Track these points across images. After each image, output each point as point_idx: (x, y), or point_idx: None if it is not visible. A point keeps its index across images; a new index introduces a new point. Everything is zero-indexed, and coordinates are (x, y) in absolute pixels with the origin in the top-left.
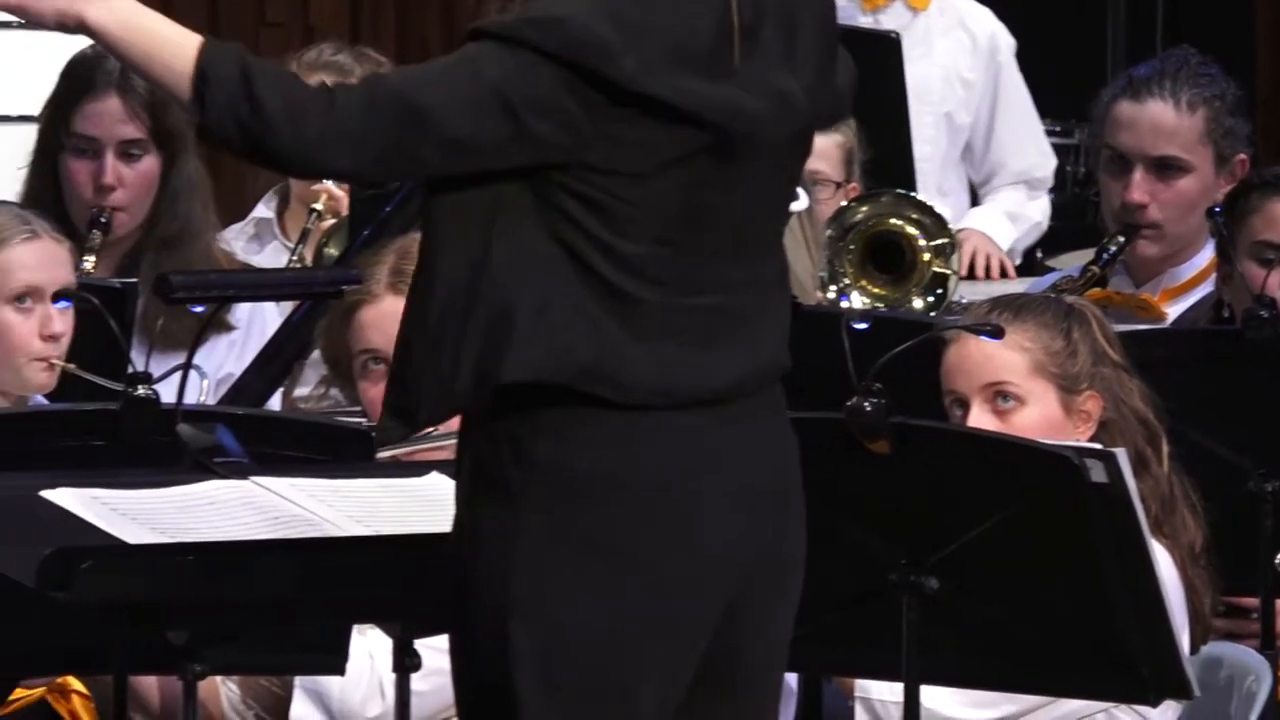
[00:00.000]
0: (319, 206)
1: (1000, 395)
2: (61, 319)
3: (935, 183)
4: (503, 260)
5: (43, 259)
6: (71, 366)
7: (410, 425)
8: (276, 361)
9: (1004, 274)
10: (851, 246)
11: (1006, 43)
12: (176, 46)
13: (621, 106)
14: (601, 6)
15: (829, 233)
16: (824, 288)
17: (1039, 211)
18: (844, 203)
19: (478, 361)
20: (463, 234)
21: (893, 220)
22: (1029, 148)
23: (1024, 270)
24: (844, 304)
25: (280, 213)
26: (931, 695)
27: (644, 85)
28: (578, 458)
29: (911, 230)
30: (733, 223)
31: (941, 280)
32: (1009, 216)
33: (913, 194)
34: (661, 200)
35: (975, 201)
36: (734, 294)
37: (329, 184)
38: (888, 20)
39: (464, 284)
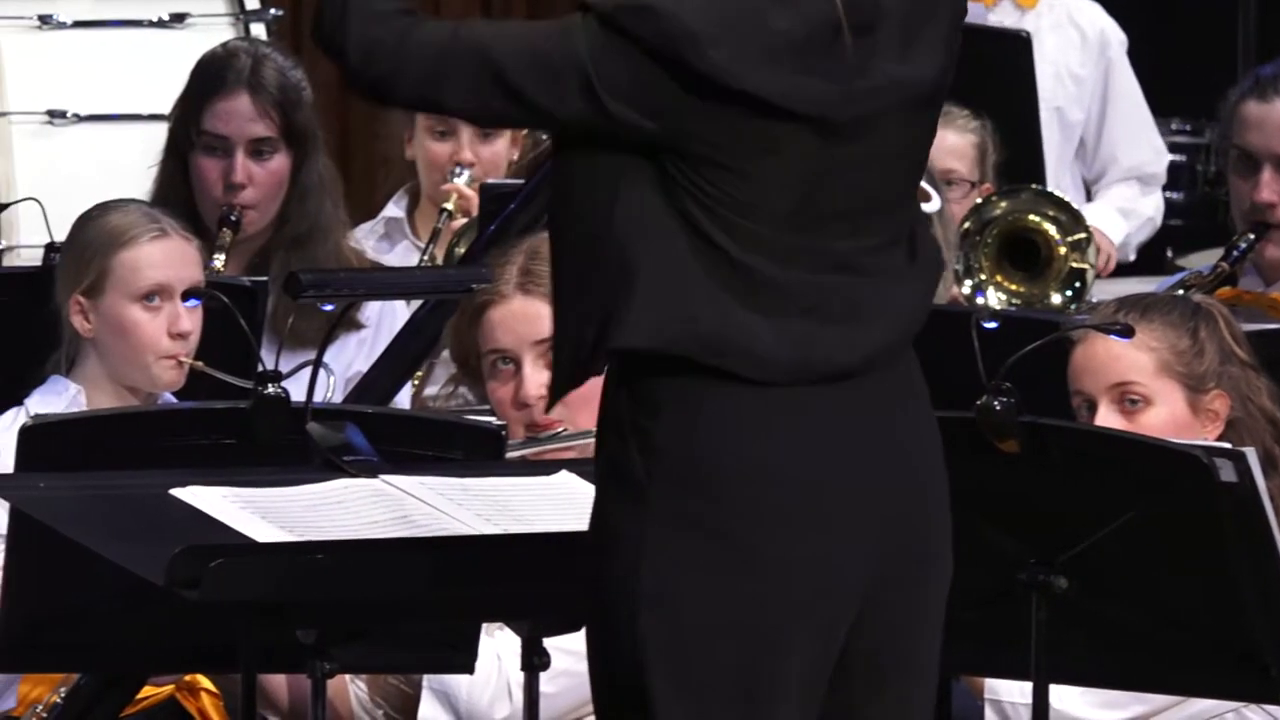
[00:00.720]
0: (449, 206)
1: (1127, 396)
2: (190, 317)
3: (1051, 183)
4: (625, 228)
5: (171, 257)
6: (200, 364)
7: (552, 392)
8: (403, 359)
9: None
10: (988, 242)
11: (1117, 38)
12: None
13: (713, 99)
14: None
15: (966, 226)
16: (959, 283)
17: (1152, 207)
18: (980, 199)
19: (599, 327)
20: (587, 201)
21: (1030, 216)
22: (1141, 143)
23: (1153, 269)
24: (979, 300)
25: (410, 212)
26: (1060, 695)
27: (734, 79)
28: (705, 448)
29: (1048, 226)
30: (854, 201)
31: (1079, 275)
32: (1121, 213)
33: (1050, 190)
34: (773, 186)
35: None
36: (857, 270)
37: (459, 183)
38: (994, 19)
39: (587, 250)
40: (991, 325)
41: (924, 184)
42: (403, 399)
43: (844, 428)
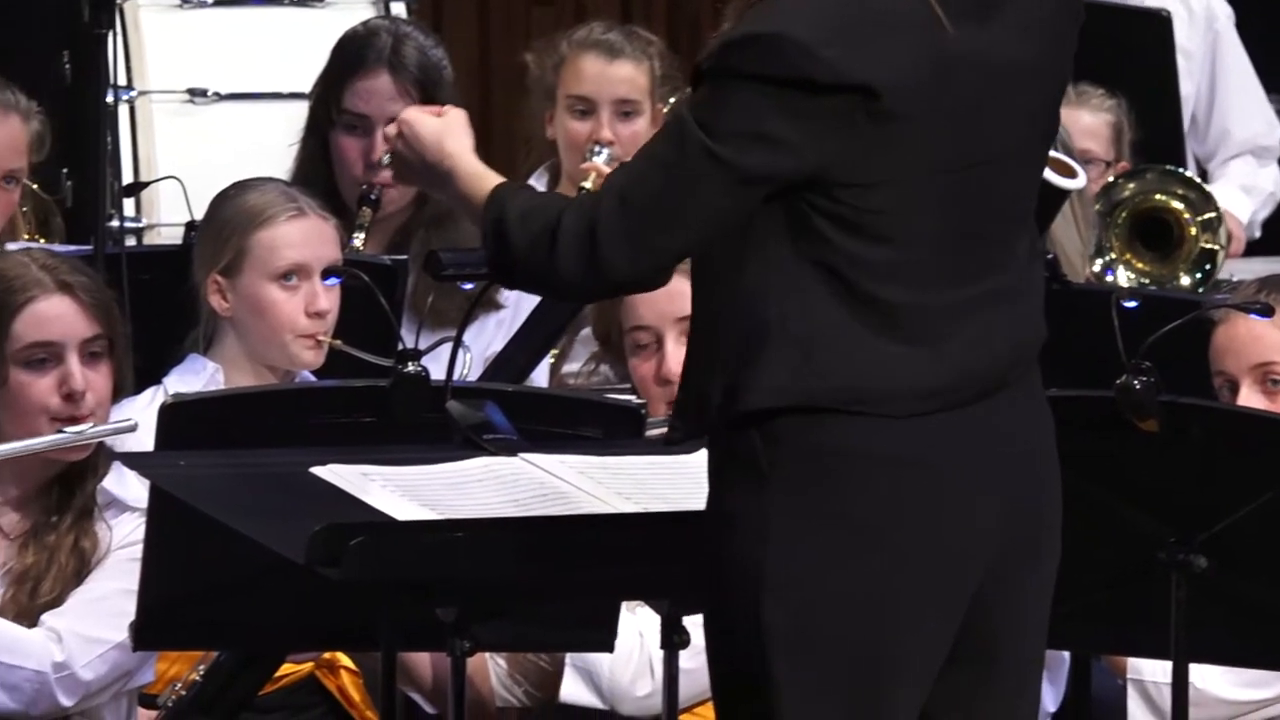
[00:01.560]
0: (588, 184)
1: (1270, 376)
2: (328, 296)
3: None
4: (755, 282)
5: (309, 236)
6: (338, 343)
7: (677, 435)
8: (538, 335)
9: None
10: (1119, 223)
11: (1224, 11)
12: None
13: (836, 108)
14: (801, 10)
15: (1096, 207)
16: (1090, 262)
17: (1270, 180)
18: (1110, 179)
19: (727, 386)
20: (717, 256)
21: (1159, 196)
22: (1254, 115)
23: (1276, 247)
24: (1109, 279)
25: (551, 188)
26: (1202, 675)
27: (849, 73)
28: (826, 434)
29: (1178, 205)
30: (984, 208)
31: (1209, 256)
32: (1244, 190)
33: (1179, 170)
34: (909, 201)
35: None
36: (998, 276)
37: (598, 161)
38: None
39: (718, 305)
40: (1131, 305)
41: (1068, 159)
42: (541, 376)
43: (965, 417)
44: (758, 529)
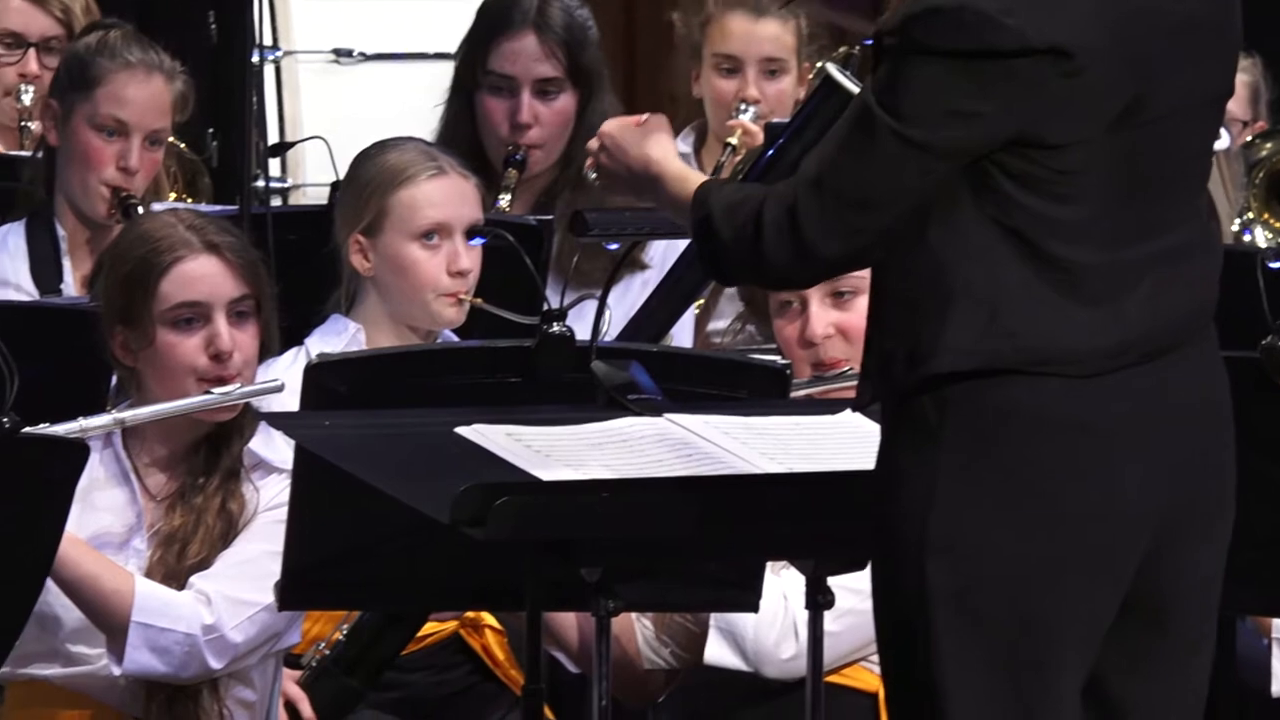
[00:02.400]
0: (734, 141)
1: None
2: (469, 255)
3: None
4: (938, 245)
5: (450, 196)
6: (479, 301)
7: (864, 398)
8: (677, 293)
9: None
10: (1256, 182)
11: None
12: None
13: (1025, 73)
14: None
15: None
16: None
17: None
18: (1247, 139)
19: (911, 349)
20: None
21: None
22: None
23: None
24: (1246, 239)
25: (698, 148)
26: None
27: (1036, 37)
28: (998, 395)
29: None
30: (1161, 164)
31: None
32: None
33: None
34: (1093, 159)
35: None
36: (1175, 234)
37: (744, 119)
38: None
39: (901, 268)
40: (1277, 265)
41: None
42: (685, 333)
43: (1136, 380)
44: (925, 489)
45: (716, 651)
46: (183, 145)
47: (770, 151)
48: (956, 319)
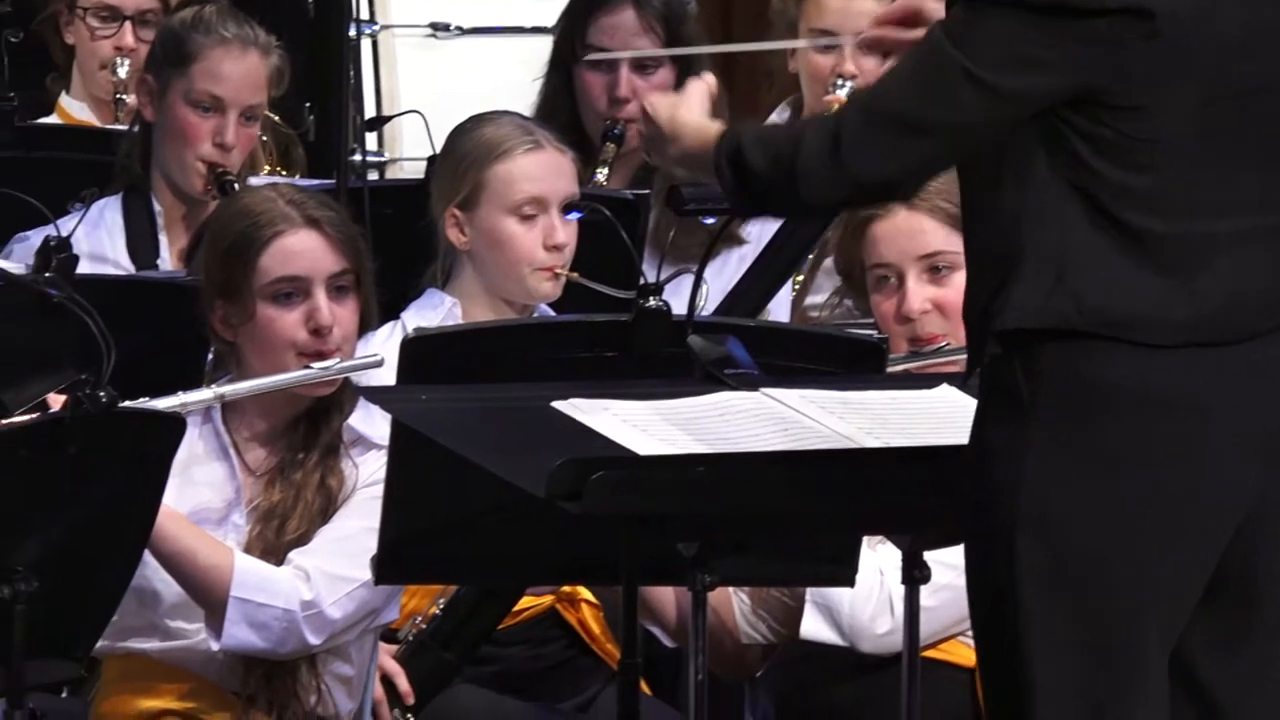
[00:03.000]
0: None
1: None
2: (566, 229)
3: None
4: (1010, 204)
5: (546, 170)
6: (575, 276)
7: (970, 372)
8: (774, 269)
9: None
10: None
11: None
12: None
13: (1100, 31)
14: None
15: None
16: None
17: None
18: None
19: (985, 309)
20: (974, 179)
21: None
22: None
23: None
24: None
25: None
26: None
27: None
28: (1092, 373)
29: None
30: (1254, 140)
31: None
32: None
33: None
34: (1173, 128)
35: None
36: (1267, 213)
37: (841, 94)
38: None
39: (978, 229)
40: None
41: None
42: (782, 308)
43: (1230, 359)
44: (1016, 463)
45: (812, 626)
46: (277, 119)
47: None
48: (1025, 278)
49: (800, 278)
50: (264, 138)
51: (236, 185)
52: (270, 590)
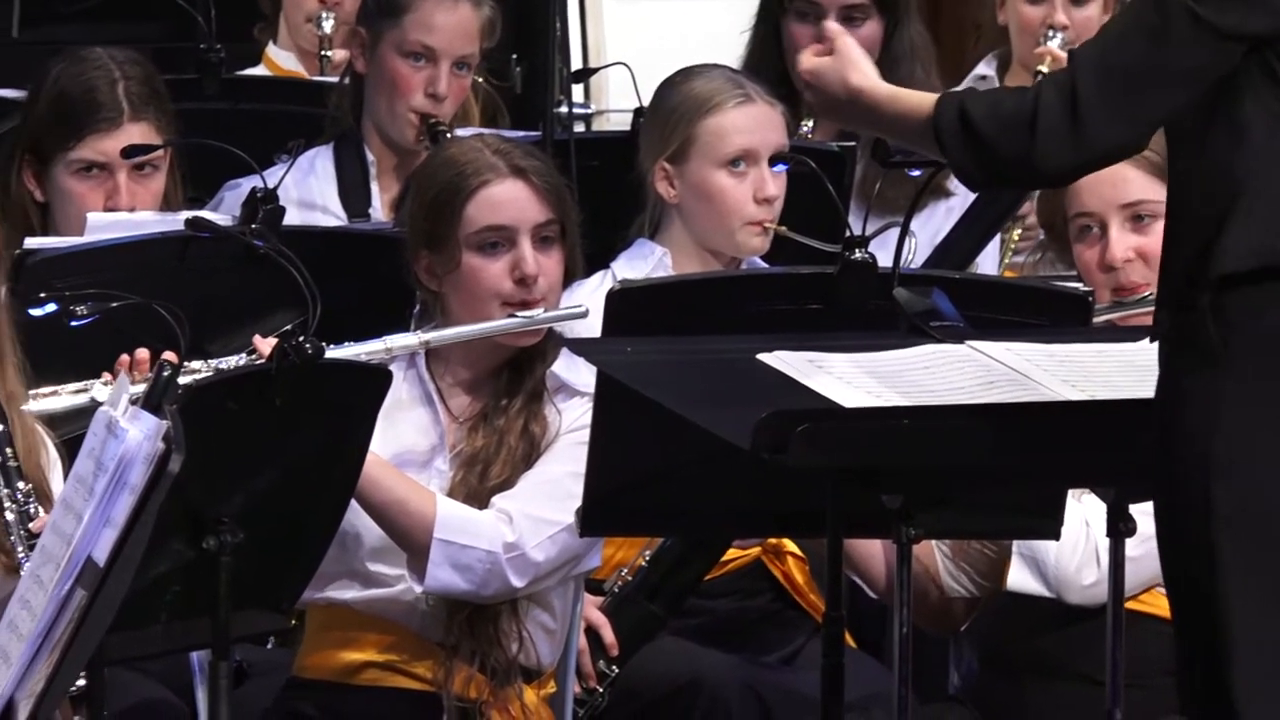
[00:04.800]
0: (1044, 69)
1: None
2: (775, 182)
3: None
4: (1221, 149)
5: (756, 122)
6: (784, 229)
7: (1161, 327)
8: (983, 221)
9: None
10: None
11: None
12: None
13: None
14: None
15: None
16: None
17: None
18: None
19: (1196, 252)
20: (1181, 126)
21: None
22: None
23: None
24: None
25: (1000, 74)
26: None
27: None
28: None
29: None
30: None
31: None
32: None
33: None
34: None
35: None
36: None
37: (1052, 46)
38: None
39: (1187, 170)
40: None
41: None
42: (991, 263)
43: None
44: (1209, 414)
45: (1019, 578)
46: (481, 80)
47: None
48: (1237, 220)
49: (1015, 232)
50: (474, 90)
51: (449, 135)
52: (473, 532)
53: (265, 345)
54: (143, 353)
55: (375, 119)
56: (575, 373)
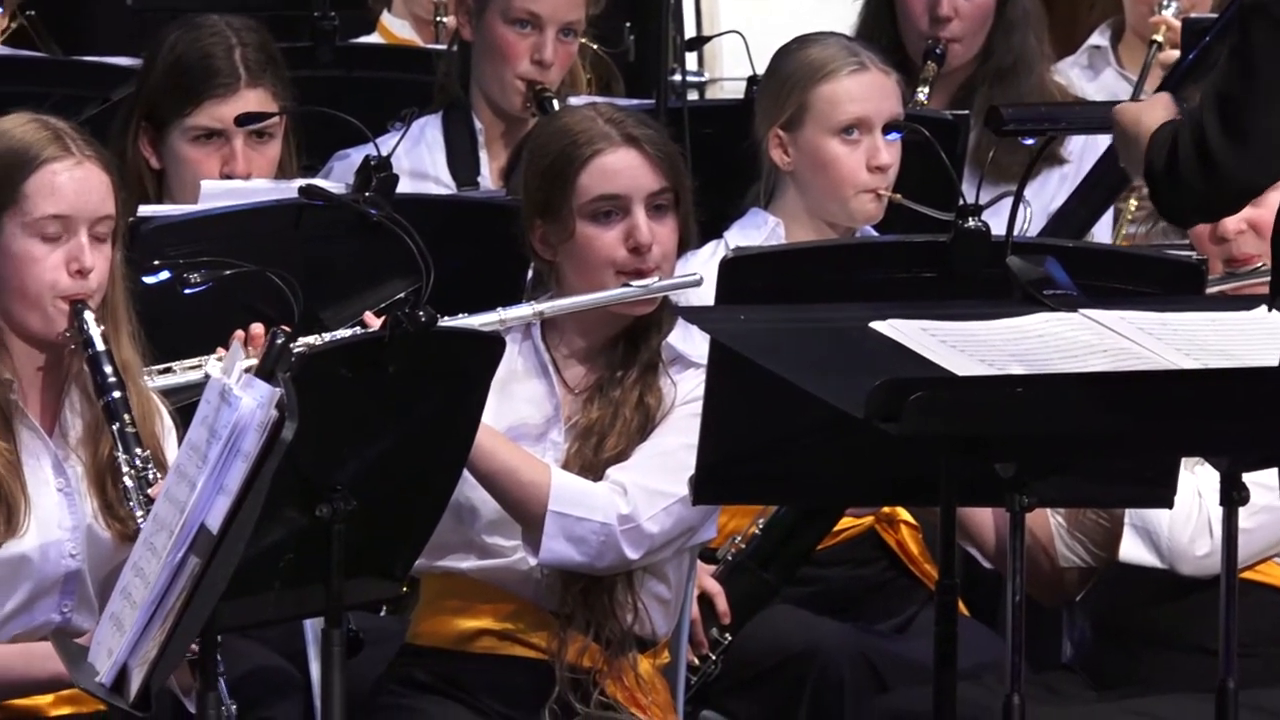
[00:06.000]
0: (1159, 38)
1: None
2: (889, 150)
3: None
4: None
5: (870, 90)
6: (898, 197)
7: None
8: (1100, 189)
9: None
10: None
11: None
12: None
13: None
14: None
15: None
16: None
17: None
18: None
19: None
20: None
21: None
22: None
23: None
24: None
25: (1114, 42)
26: None
27: None
28: None
29: None
30: None
31: None
32: None
33: None
34: None
35: None
36: None
37: (1167, 14)
38: None
39: None
40: None
41: None
42: (1105, 232)
43: None
44: None
45: (1131, 548)
46: (596, 48)
47: (1192, 55)
48: None
49: (1132, 202)
50: (584, 58)
51: (556, 103)
52: (588, 504)
53: (375, 321)
54: (257, 328)
55: (482, 87)
56: (691, 344)
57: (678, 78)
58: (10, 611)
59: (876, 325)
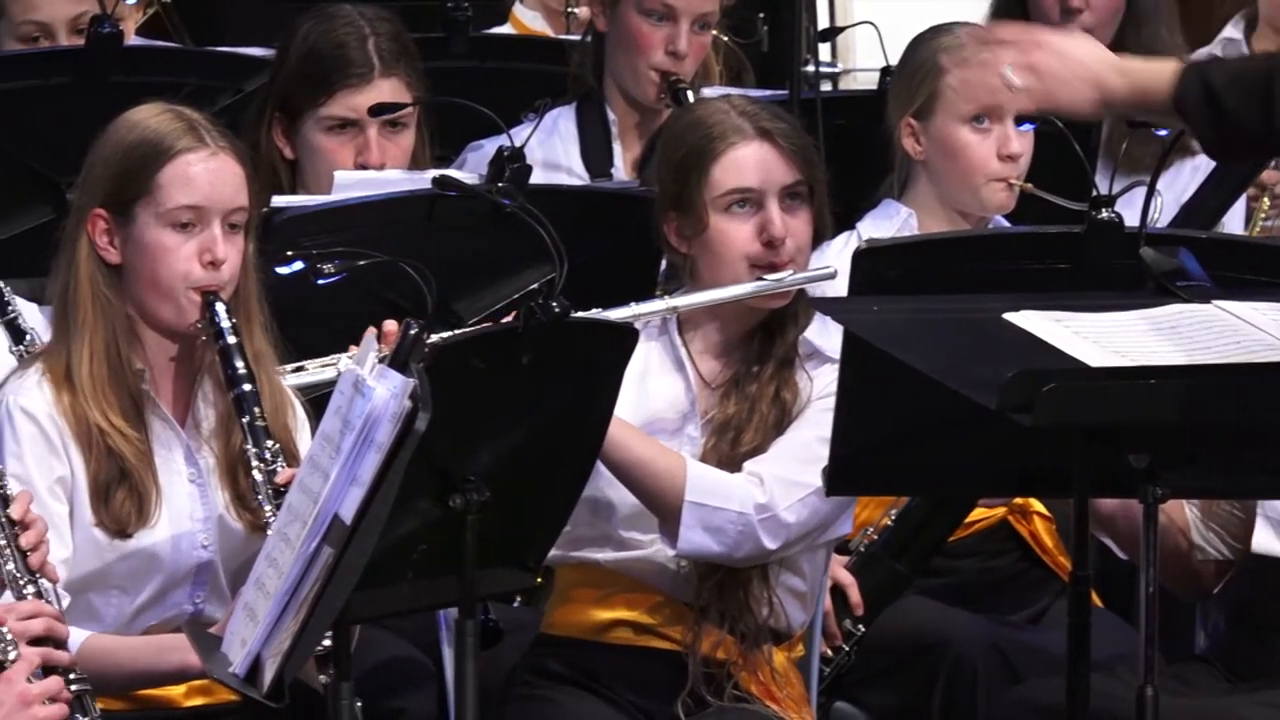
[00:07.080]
0: None
1: None
2: (1020, 139)
3: None
4: None
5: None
6: (1029, 187)
7: None
8: (1230, 181)
9: None
10: None
11: None
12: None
13: None
14: None
15: None
16: None
17: None
18: None
19: None
20: None
21: None
22: None
23: None
24: None
25: (1248, 34)
26: None
27: None
28: None
29: None
30: None
31: None
32: None
33: None
34: None
35: None
36: None
37: None
38: None
39: None
40: None
41: None
42: (1237, 223)
43: None
44: None
45: (1264, 540)
46: (728, 39)
47: None
48: None
49: (1260, 193)
50: (718, 49)
51: (690, 94)
52: (724, 494)
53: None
54: (390, 324)
55: (616, 78)
56: (827, 338)
57: (811, 69)
58: (144, 603)
59: (1010, 316)
